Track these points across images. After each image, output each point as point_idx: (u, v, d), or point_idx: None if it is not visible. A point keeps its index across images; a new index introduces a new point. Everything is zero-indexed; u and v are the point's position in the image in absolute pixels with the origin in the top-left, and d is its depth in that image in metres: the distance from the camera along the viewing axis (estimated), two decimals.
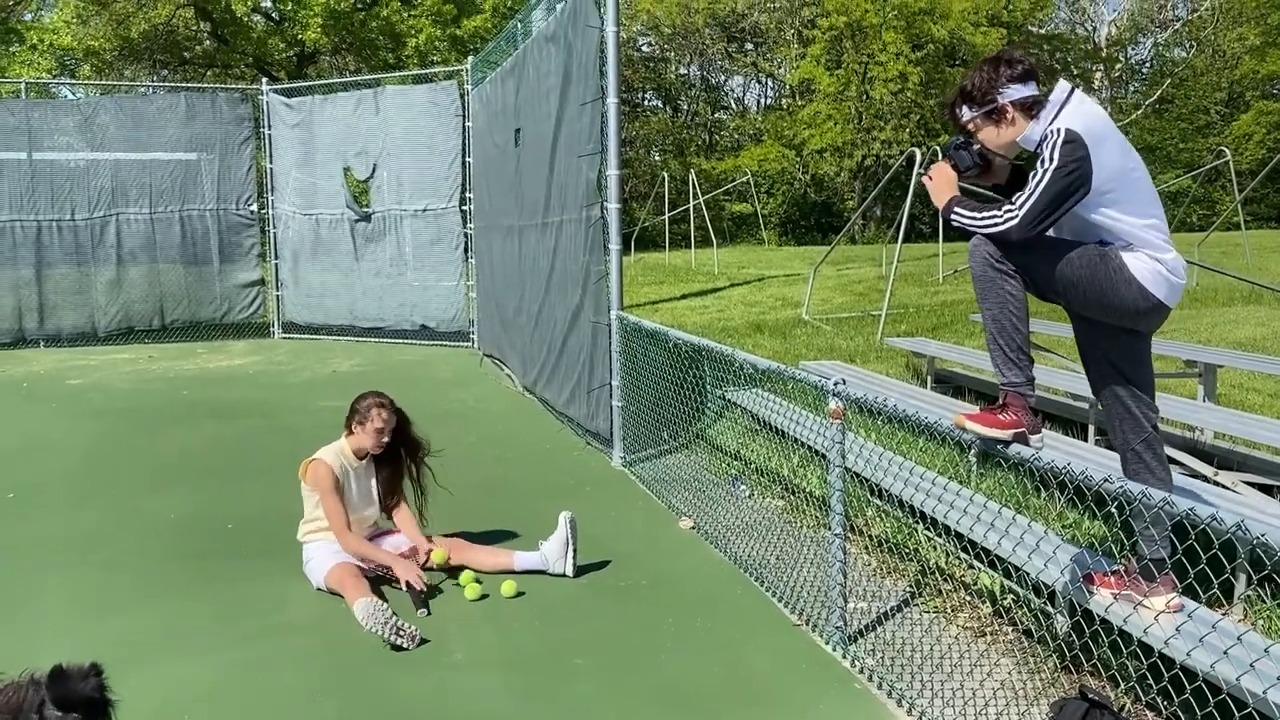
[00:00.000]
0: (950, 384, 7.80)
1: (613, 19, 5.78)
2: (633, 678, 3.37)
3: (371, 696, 3.26)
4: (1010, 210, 2.89)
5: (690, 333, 5.55)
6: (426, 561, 4.22)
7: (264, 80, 13.29)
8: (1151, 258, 2.91)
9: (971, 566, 4.04)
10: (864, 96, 32.30)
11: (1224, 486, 4.67)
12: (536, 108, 7.56)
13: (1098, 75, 39.78)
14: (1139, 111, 35.88)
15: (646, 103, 40.59)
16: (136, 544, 4.78)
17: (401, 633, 3.57)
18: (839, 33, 32.22)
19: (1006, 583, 3.79)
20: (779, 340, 10.41)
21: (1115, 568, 3.23)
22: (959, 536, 4.03)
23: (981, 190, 3.26)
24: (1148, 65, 41.40)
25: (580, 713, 3.16)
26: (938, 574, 4.12)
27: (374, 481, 4.38)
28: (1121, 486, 2.50)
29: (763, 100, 42.70)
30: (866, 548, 4.54)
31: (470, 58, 11.41)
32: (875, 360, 8.95)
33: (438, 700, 3.23)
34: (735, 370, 6.21)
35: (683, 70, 40.94)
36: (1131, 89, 40.71)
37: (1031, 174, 2.88)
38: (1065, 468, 2.64)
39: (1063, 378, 6.26)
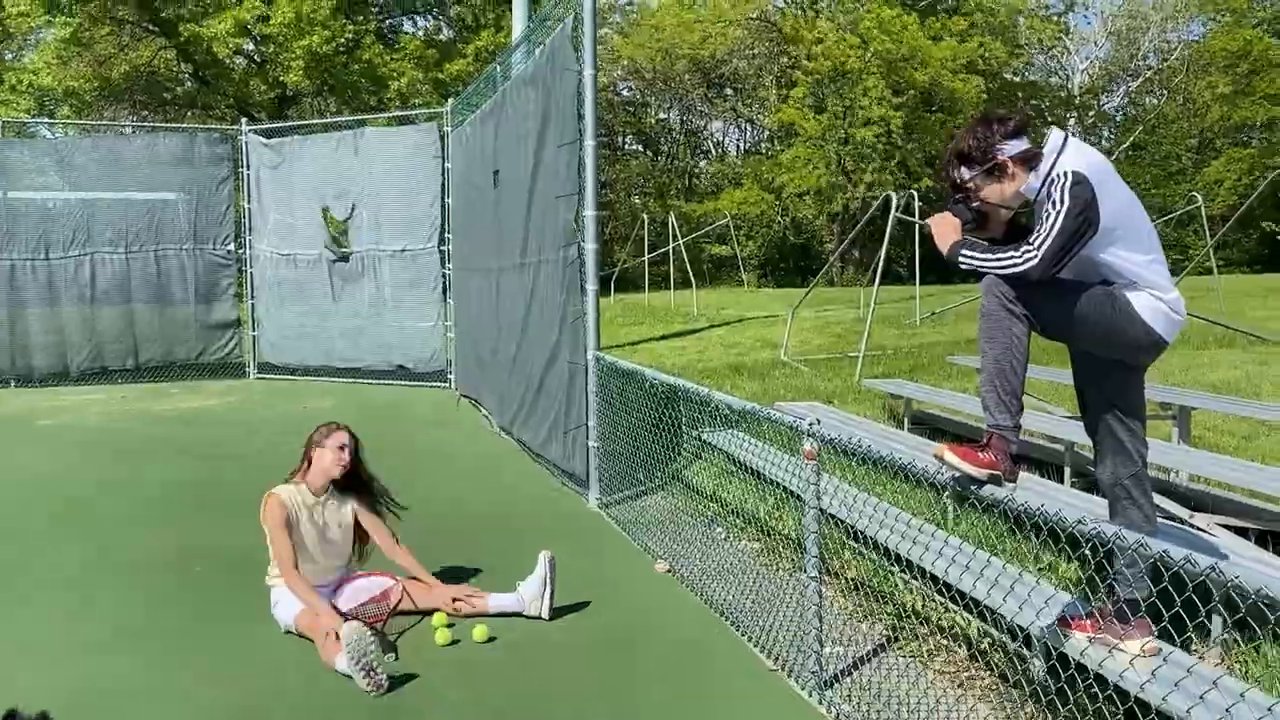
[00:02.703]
0: (927, 425, 7.80)
1: (590, 62, 5.83)
2: None
3: None
4: (1029, 251, 2.91)
5: (669, 373, 5.53)
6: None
7: (244, 121, 13.27)
8: (1155, 297, 2.98)
9: (948, 610, 4.01)
10: (845, 140, 32.66)
11: (1199, 529, 4.66)
12: (515, 149, 7.59)
13: (1071, 122, 40.44)
14: (1112, 158, 36.42)
15: (627, 146, 40.93)
16: (103, 586, 4.67)
17: (371, 675, 3.48)
18: (821, 78, 32.65)
19: (983, 626, 3.76)
20: (757, 381, 10.40)
21: (1090, 609, 3.21)
22: (935, 579, 4.00)
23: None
24: (1121, 113, 42.20)
25: None
26: (914, 617, 4.08)
27: (339, 525, 4.30)
28: (1096, 528, 2.48)
29: (742, 144, 43.16)
30: (843, 591, 4.50)
31: (450, 100, 11.46)
32: (853, 402, 8.94)
33: None
34: (711, 411, 6.19)
35: (663, 115, 41.35)
36: (1105, 135, 41.41)
37: (1043, 215, 2.91)
38: (1040, 509, 2.63)
39: (1039, 420, 6.27)
